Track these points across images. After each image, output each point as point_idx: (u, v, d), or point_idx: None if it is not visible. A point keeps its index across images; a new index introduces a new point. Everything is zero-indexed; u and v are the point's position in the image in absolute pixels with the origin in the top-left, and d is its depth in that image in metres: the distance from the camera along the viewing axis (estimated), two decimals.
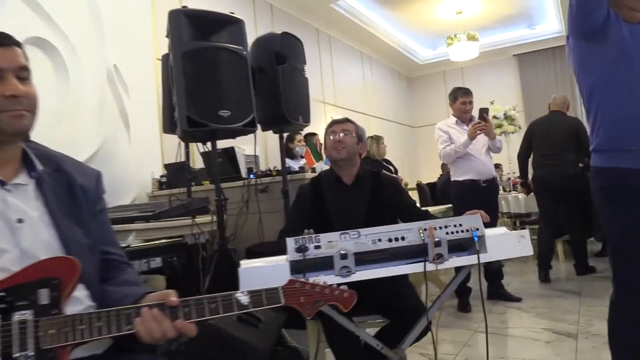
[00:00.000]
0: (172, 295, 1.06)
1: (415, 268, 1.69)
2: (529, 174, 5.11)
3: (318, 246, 1.62)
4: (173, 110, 2.78)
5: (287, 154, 4.88)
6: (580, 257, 4.81)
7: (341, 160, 2.35)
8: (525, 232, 1.76)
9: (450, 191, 4.24)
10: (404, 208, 2.39)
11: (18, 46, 1.17)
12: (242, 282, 1.60)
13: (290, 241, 1.62)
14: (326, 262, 1.63)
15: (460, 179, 4.04)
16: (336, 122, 2.43)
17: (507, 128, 7.12)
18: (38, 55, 3.54)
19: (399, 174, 5.93)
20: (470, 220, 1.73)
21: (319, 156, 5.62)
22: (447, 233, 1.69)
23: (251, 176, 3.72)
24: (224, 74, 2.69)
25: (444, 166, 7.62)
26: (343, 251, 1.62)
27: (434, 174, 8.66)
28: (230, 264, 2.70)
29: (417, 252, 1.69)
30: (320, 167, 4.60)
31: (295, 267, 1.61)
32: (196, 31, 2.68)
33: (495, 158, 4.37)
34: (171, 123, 3.03)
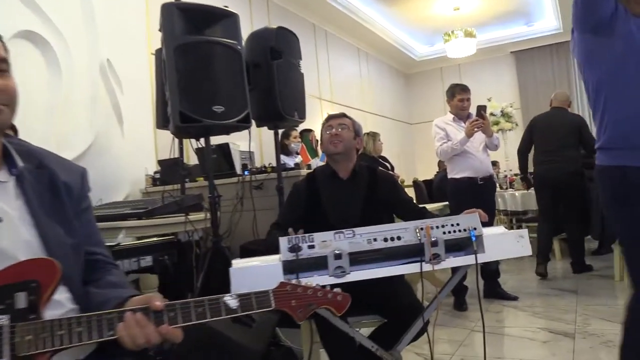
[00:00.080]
0: (157, 299, 1.01)
1: (411, 268, 1.65)
2: (528, 170, 5.10)
3: (312, 246, 1.58)
4: (166, 105, 2.73)
5: (283, 150, 4.84)
6: (578, 255, 4.78)
7: (337, 154, 2.33)
8: (524, 232, 1.72)
9: (447, 188, 4.20)
10: (401, 204, 2.37)
11: None
12: (234, 283, 1.56)
13: (283, 240, 1.58)
14: (320, 262, 1.59)
15: (457, 176, 3.99)
16: (333, 117, 2.42)
17: (504, 125, 7.08)
18: (29, 49, 3.49)
19: (396, 171, 5.89)
20: (468, 220, 1.68)
21: (314, 153, 5.58)
22: (444, 232, 1.65)
23: (246, 173, 3.68)
24: (217, 68, 2.64)
25: (440, 163, 7.59)
26: (337, 251, 1.57)
27: (430, 171, 8.62)
28: (224, 262, 2.65)
29: (414, 252, 1.65)
30: (316, 164, 4.56)
31: (288, 267, 1.57)
32: (189, 25, 2.62)
33: (492, 155, 4.35)
34: (164, 118, 2.98)
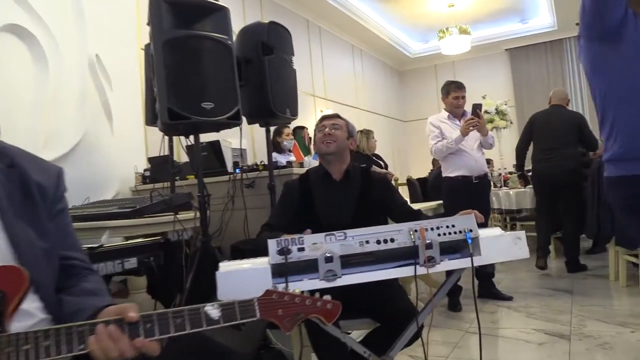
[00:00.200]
0: (132, 310, 0.94)
1: (405, 272, 1.59)
2: (527, 168, 5.08)
3: (301, 248, 1.52)
4: (155, 101, 2.65)
5: (275, 148, 4.78)
6: (572, 254, 4.75)
7: (330, 155, 2.28)
8: (522, 234, 1.67)
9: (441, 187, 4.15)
10: (395, 206, 2.33)
11: None
12: (220, 287, 1.50)
13: (272, 243, 1.51)
14: (310, 265, 1.53)
15: (452, 175, 3.94)
16: (326, 118, 2.38)
17: (499, 123, 7.03)
18: (15, 44, 3.40)
19: (389, 169, 5.84)
20: (464, 221, 1.63)
21: (307, 150, 5.51)
22: (439, 234, 1.60)
23: (237, 171, 3.61)
24: (207, 64, 2.57)
25: (434, 161, 7.53)
26: (328, 254, 1.51)
27: (424, 169, 8.57)
28: (213, 263, 2.59)
29: (408, 255, 1.59)
30: (309, 162, 4.50)
31: (277, 271, 1.51)
32: (178, 19, 2.54)
33: (487, 153, 4.29)
34: (153, 115, 2.92)
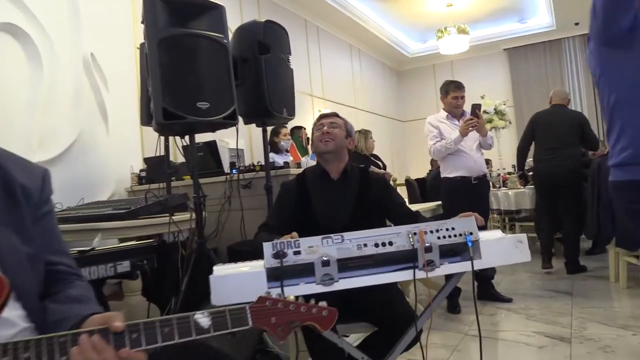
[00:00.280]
0: (117, 319, 0.90)
1: (404, 276, 1.56)
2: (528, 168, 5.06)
3: (297, 252, 1.48)
4: (150, 101, 2.61)
5: (272, 148, 4.74)
6: (572, 255, 4.72)
7: (328, 153, 2.25)
8: (523, 237, 1.63)
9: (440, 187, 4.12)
10: (393, 207, 2.30)
11: None
12: (214, 292, 1.46)
13: (267, 246, 1.47)
14: (307, 269, 1.49)
15: (451, 175, 3.91)
16: (324, 116, 2.35)
17: (498, 123, 7.00)
18: (9, 43, 3.36)
19: (388, 169, 5.80)
20: (464, 224, 1.59)
21: (304, 150, 5.47)
22: (439, 237, 1.56)
23: (234, 171, 3.57)
24: (202, 63, 2.53)
25: (433, 161, 7.50)
26: (325, 257, 1.47)
27: (423, 169, 8.53)
28: (209, 265, 2.55)
29: (407, 258, 1.55)
30: (306, 162, 4.45)
31: (273, 275, 1.47)
32: (173, 17, 2.50)
33: (485, 154, 4.26)
34: (148, 115, 2.86)
